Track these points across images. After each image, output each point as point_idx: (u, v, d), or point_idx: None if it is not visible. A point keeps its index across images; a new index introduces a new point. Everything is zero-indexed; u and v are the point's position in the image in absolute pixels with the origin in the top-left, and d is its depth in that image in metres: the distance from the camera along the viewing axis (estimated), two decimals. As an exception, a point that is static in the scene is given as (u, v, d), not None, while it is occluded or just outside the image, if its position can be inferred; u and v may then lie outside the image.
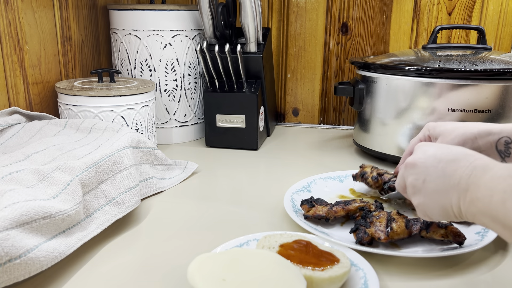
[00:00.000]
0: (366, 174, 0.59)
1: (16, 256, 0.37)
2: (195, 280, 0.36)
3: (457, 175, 0.37)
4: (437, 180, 0.38)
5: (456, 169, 0.37)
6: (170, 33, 0.83)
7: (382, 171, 0.58)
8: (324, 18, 0.97)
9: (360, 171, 0.60)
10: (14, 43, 0.70)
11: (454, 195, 0.37)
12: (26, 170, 0.48)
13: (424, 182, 0.39)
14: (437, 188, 0.38)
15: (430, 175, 0.39)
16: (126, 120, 0.72)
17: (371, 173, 0.58)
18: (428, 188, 0.39)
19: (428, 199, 0.39)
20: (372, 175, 0.58)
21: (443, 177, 0.38)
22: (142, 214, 0.57)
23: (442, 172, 0.38)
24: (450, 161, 0.38)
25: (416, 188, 0.41)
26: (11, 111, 0.68)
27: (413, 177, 0.41)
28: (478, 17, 0.91)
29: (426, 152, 0.41)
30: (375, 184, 0.57)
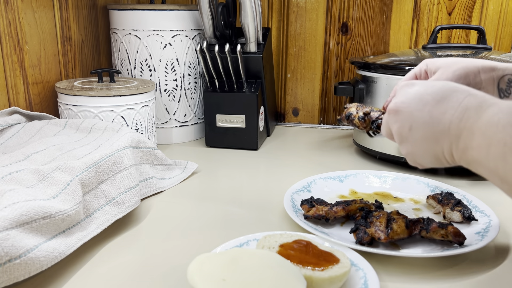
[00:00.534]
0: (352, 115, 0.52)
1: (16, 256, 0.37)
2: (195, 280, 0.36)
3: (446, 120, 0.33)
4: (425, 127, 0.35)
5: (444, 112, 0.33)
6: (170, 33, 0.83)
7: (369, 109, 0.52)
8: (324, 18, 0.97)
9: (345, 112, 0.54)
10: (14, 43, 0.70)
11: (445, 142, 0.33)
12: (26, 170, 0.48)
13: (410, 130, 0.36)
14: (426, 135, 0.35)
15: (416, 122, 0.35)
16: (126, 120, 0.72)
17: (357, 114, 0.52)
18: (416, 136, 0.36)
19: (417, 148, 0.36)
20: (358, 116, 0.52)
21: (430, 123, 0.34)
22: (142, 214, 0.57)
23: (429, 116, 0.34)
24: (437, 102, 0.34)
25: (403, 136, 0.37)
26: (11, 111, 0.68)
27: (397, 125, 0.37)
28: (478, 17, 0.91)
29: (408, 93, 0.37)
30: (362, 125, 0.52)
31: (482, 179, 0.70)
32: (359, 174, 0.66)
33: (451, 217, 0.53)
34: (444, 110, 0.34)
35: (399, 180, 0.65)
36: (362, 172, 0.66)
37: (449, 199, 0.55)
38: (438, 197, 0.57)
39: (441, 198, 0.56)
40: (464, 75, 0.43)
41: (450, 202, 0.55)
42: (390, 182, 0.65)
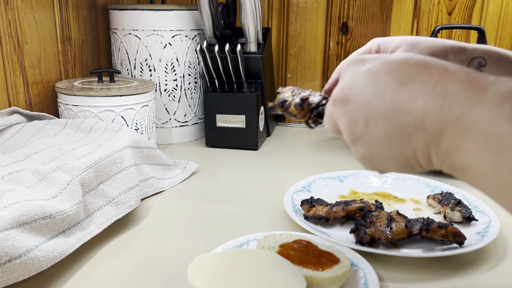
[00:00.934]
0: (286, 102, 0.42)
1: (16, 256, 0.37)
2: (195, 280, 0.36)
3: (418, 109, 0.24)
4: (386, 120, 0.25)
5: (413, 98, 0.24)
6: (170, 33, 0.83)
7: (307, 94, 0.42)
8: (324, 18, 0.97)
9: (278, 98, 0.43)
10: (14, 43, 0.70)
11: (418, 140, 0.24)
12: (26, 170, 0.48)
13: (366, 126, 0.26)
14: (388, 131, 0.25)
15: (374, 114, 0.26)
16: (126, 120, 0.72)
17: (293, 99, 0.42)
18: (374, 133, 0.26)
19: (377, 149, 0.26)
20: (294, 102, 0.41)
21: (394, 114, 0.25)
22: (142, 214, 0.57)
23: (392, 105, 0.25)
24: (401, 85, 0.24)
25: (356, 135, 0.27)
26: (11, 111, 0.68)
27: (347, 119, 0.27)
28: (478, 17, 0.91)
29: (358, 75, 0.27)
30: (300, 114, 0.41)
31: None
32: (359, 174, 0.66)
33: (451, 217, 0.53)
34: (412, 96, 0.24)
35: (399, 180, 0.65)
36: (362, 172, 0.66)
37: (449, 199, 0.55)
38: (438, 197, 0.57)
39: (441, 198, 0.56)
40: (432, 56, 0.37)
41: (450, 202, 0.55)
42: (390, 182, 0.65)
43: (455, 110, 0.22)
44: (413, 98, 0.24)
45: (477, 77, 0.23)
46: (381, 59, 0.27)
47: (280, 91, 0.44)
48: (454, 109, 0.22)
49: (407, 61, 0.25)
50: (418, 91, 0.24)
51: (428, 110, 0.23)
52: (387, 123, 0.25)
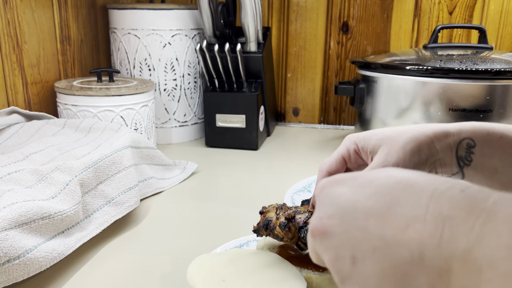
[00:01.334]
0: (271, 223, 0.39)
1: (15, 257, 0.37)
2: (194, 281, 0.36)
3: (412, 240, 0.20)
4: (378, 257, 0.21)
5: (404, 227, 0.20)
6: (170, 32, 0.83)
7: (292, 211, 0.39)
8: (324, 17, 0.97)
9: (262, 220, 0.40)
10: (13, 42, 0.70)
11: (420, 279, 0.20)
12: (25, 170, 0.48)
13: (354, 263, 0.22)
14: (383, 270, 0.21)
15: (360, 249, 0.21)
16: (125, 120, 0.72)
17: (278, 220, 0.39)
18: (366, 273, 0.21)
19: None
20: (280, 222, 0.38)
21: (385, 248, 0.20)
22: (141, 214, 0.56)
23: (379, 237, 0.21)
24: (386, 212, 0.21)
25: (343, 273, 0.22)
26: (10, 111, 0.67)
27: (330, 255, 0.23)
28: (479, 16, 0.91)
29: (335, 200, 0.23)
30: (286, 235, 0.38)
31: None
32: (360, 174, 0.66)
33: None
34: (402, 224, 0.20)
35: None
36: (362, 172, 0.66)
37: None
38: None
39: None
40: (417, 149, 0.33)
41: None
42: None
43: (460, 243, 0.18)
44: (403, 227, 0.20)
45: (477, 196, 0.19)
46: (359, 179, 0.23)
47: (263, 210, 0.41)
48: (458, 241, 0.18)
49: (387, 181, 0.22)
50: (408, 217, 0.20)
51: (424, 242, 0.19)
52: (378, 260, 0.21)
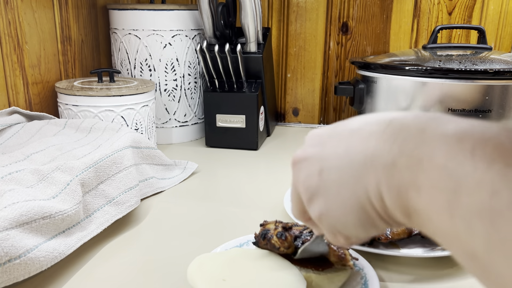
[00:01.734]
0: (269, 233, 0.41)
1: (16, 256, 0.37)
2: (194, 280, 0.36)
3: (370, 146, 0.22)
4: (339, 164, 0.23)
5: (367, 137, 0.22)
6: (170, 33, 0.83)
7: (290, 224, 0.42)
8: (324, 18, 0.97)
9: (261, 230, 0.43)
10: (13, 43, 0.70)
11: (369, 177, 0.22)
12: (25, 170, 0.48)
13: (320, 174, 0.24)
14: (341, 176, 0.23)
15: (328, 161, 0.24)
16: (126, 120, 0.72)
17: (276, 229, 0.41)
18: (329, 181, 0.24)
19: (333, 200, 0.24)
20: (277, 232, 0.41)
21: (346, 156, 0.23)
22: (141, 214, 0.57)
23: (345, 149, 0.23)
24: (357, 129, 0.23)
25: (312, 188, 0.25)
26: (10, 111, 0.67)
27: (303, 175, 0.25)
28: (478, 17, 0.91)
29: (316, 135, 0.26)
30: (283, 244, 0.40)
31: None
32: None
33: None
34: (365, 136, 0.22)
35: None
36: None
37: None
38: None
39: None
40: None
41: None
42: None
43: (409, 144, 0.20)
44: (366, 137, 0.22)
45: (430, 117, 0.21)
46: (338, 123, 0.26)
47: (263, 223, 0.44)
48: (408, 142, 0.20)
49: (361, 118, 0.25)
50: (372, 130, 0.22)
51: (379, 146, 0.21)
52: (340, 167, 0.23)
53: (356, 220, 0.23)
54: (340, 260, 0.36)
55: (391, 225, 0.23)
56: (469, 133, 0.18)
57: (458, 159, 0.18)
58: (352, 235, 0.24)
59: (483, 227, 0.17)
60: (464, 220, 0.17)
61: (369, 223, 0.23)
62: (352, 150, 0.23)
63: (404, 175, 0.20)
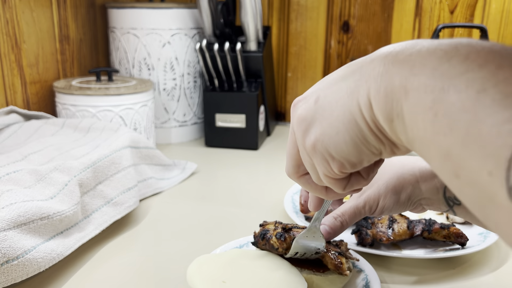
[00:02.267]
0: (268, 233, 0.41)
1: (14, 257, 0.37)
2: (194, 282, 0.35)
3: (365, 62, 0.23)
4: (335, 85, 0.25)
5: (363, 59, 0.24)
6: (169, 31, 0.82)
7: (290, 225, 0.42)
8: (325, 17, 0.96)
9: (260, 230, 0.42)
10: (11, 42, 0.69)
11: (362, 87, 0.23)
12: (23, 171, 0.47)
13: (317, 102, 0.25)
14: (337, 95, 0.24)
15: (324, 88, 0.25)
16: (124, 119, 0.71)
17: (275, 230, 0.41)
18: (324, 104, 0.25)
19: (328, 120, 0.24)
20: (276, 232, 0.40)
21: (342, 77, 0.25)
22: (140, 215, 0.56)
23: (342, 73, 0.25)
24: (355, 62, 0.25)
25: (308, 118, 0.26)
26: (8, 111, 0.67)
27: (302, 108, 0.26)
28: (480, 15, 0.90)
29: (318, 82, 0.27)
30: (281, 245, 0.39)
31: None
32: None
33: (453, 218, 0.53)
34: (361, 60, 0.24)
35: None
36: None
37: (451, 200, 0.55)
38: (440, 198, 0.56)
39: (443, 199, 0.55)
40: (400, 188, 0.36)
41: (452, 202, 0.54)
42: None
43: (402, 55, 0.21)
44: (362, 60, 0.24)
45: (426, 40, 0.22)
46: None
47: (263, 223, 0.44)
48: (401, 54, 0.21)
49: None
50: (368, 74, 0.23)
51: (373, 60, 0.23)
52: (335, 88, 0.25)
53: (348, 137, 0.24)
54: (336, 269, 0.36)
55: (380, 140, 0.23)
56: (465, 43, 0.19)
57: (451, 62, 0.19)
58: (345, 158, 0.24)
59: (465, 122, 0.17)
60: (447, 117, 0.18)
61: (360, 139, 0.23)
62: (347, 71, 0.24)
63: (394, 79, 0.21)
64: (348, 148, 0.24)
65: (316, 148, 0.25)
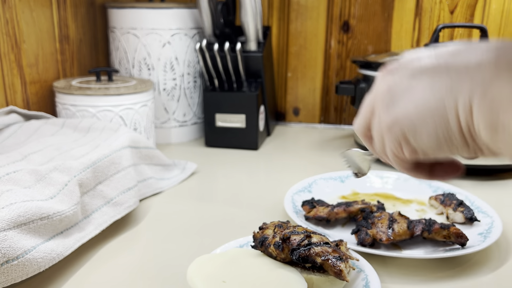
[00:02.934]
0: (267, 240, 0.40)
1: (14, 257, 0.37)
2: (194, 282, 0.35)
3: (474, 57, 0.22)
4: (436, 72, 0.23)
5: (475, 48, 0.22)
6: (169, 31, 0.82)
7: (288, 231, 0.39)
8: (325, 17, 0.96)
9: (260, 235, 0.41)
10: (11, 42, 0.69)
11: (465, 85, 0.21)
12: (23, 171, 0.47)
13: (411, 77, 0.24)
14: (436, 81, 0.23)
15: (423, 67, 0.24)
16: (124, 119, 0.71)
17: (274, 238, 0.39)
18: (419, 84, 0.23)
19: (416, 103, 0.23)
20: (274, 241, 0.39)
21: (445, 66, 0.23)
22: (140, 215, 0.56)
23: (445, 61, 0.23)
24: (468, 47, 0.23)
25: (396, 91, 0.24)
26: (8, 111, 0.67)
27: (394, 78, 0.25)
28: (480, 15, 0.90)
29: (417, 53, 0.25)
30: (279, 255, 0.39)
31: (485, 179, 0.69)
32: (360, 174, 0.66)
33: (453, 218, 0.53)
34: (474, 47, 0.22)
35: (401, 181, 0.64)
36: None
37: (451, 200, 0.55)
38: (440, 198, 0.56)
39: (443, 199, 0.55)
40: None
41: (452, 202, 0.54)
42: (392, 183, 0.64)
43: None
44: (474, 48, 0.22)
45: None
46: None
47: (263, 226, 0.43)
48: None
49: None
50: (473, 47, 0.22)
51: (484, 58, 0.21)
52: (436, 71, 0.23)
53: (433, 129, 0.22)
54: (336, 276, 0.36)
55: (466, 143, 0.22)
56: None
57: None
58: (421, 147, 0.23)
59: None
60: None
61: (446, 136, 0.22)
62: (453, 60, 0.22)
63: (504, 89, 0.19)
64: (429, 141, 0.23)
65: (393, 129, 0.24)
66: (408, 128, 0.23)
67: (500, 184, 0.68)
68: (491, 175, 0.71)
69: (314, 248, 0.37)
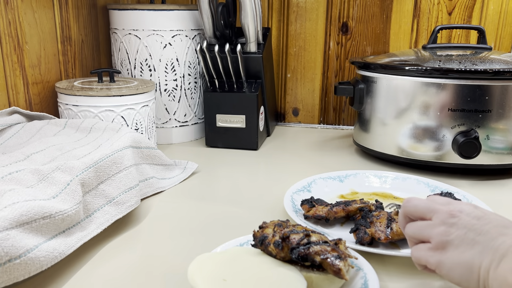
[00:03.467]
0: (267, 239, 0.40)
1: (16, 256, 0.37)
2: (195, 280, 0.36)
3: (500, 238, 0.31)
4: (474, 234, 0.32)
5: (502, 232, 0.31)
6: (170, 33, 0.83)
7: (288, 230, 0.40)
8: (324, 18, 0.97)
9: (260, 234, 0.41)
10: (14, 43, 0.70)
11: (487, 256, 0.30)
12: (26, 170, 0.48)
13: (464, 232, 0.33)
14: (476, 242, 0.32)
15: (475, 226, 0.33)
16: (126, 120, 0.72)
17: (273, 237, 0.40)
18: (464, 240, 0.32)
19: (456, 256, 0.32)
20: (274, 240, 0.39)
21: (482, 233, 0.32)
22: (142, 214, 0.57)
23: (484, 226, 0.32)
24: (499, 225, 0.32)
25: (442, 242, 0.33)
26: (11, 111, 0.67)
27: (443, 229, 0.34)
28: (478, 17, 0.91)
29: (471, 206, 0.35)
30: (279, 254, 0.39)
31: (483, 179, 0.70)
32: (359, 174, 0.66)
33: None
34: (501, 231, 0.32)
35: (399, 180, 0.65)
36: (362, 172, 0.66)
37: (449, 199, 0.55)
38: (438, 197, 0.57)
39: (441, 198, 0.56)
40: None
41: (450, 202, 0.54)
42: (390, 182, 0.65)
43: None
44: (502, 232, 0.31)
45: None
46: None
47: (263, 225, 0.43)
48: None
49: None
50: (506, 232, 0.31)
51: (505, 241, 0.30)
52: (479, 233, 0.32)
53: (460, 275, 0.32)
54: (335, 274, 0.37)
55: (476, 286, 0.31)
56: None
57: None
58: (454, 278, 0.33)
59: None
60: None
61: (468, 279, 0.31)
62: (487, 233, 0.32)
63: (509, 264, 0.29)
64: (455, 279, 0.32)
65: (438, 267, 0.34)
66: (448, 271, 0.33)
67: (498, 184, 0.68)
68: (489, 175, 0.71)
69: (313, 247, 0.38)
